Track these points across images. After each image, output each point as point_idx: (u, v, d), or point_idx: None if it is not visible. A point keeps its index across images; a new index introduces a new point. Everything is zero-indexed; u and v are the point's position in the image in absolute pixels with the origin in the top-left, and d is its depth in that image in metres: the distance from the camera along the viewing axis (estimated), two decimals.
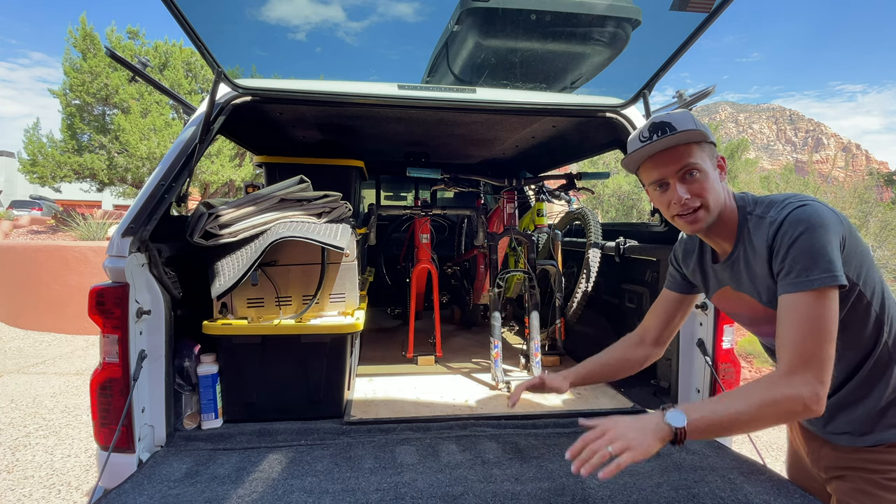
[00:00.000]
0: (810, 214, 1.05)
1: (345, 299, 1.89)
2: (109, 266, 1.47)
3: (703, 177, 1.13)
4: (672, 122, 1.13)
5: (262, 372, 1.76)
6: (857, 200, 9.16)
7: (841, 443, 1.20)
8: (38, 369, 4.70)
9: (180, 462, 1.43)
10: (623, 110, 2.09)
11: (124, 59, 1.73)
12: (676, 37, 1.66)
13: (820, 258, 1.02)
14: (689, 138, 1.12)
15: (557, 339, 2.66)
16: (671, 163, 1.14)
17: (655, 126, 1.14)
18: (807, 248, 1.03)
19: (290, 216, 1.87)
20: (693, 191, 1.13)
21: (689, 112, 1.16)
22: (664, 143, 1.13)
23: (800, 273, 1.03)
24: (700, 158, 1.13)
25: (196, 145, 1.74)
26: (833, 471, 1.23)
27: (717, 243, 1.25)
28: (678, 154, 1.13)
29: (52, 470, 2.85)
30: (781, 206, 1.11)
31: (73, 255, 6.15)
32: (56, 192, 12.98)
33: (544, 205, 2.77)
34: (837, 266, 1.02)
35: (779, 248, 1.08)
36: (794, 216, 1.07)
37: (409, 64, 2.28)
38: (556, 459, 1.40)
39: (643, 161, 1.19)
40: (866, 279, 1.11)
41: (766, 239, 1.11)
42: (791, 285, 1.04)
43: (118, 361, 1.46)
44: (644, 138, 1.16)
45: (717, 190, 1.14)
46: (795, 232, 1.05)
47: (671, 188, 1.16)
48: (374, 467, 1.38)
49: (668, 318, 1.43)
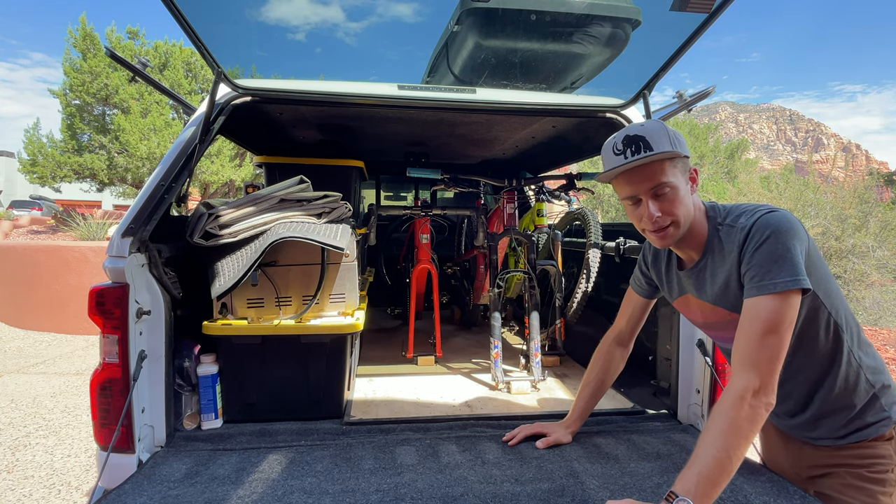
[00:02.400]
0: (778, 220, 1.09)
1: (345, 299, 1.89)
2: (109, 266, 1.46)
3: (673, 193, 1.15)
4: (647, 139, 1.13)
5: (262, 372, 1.76)
6: (857, 200, 9.15)
7: (823, 444, 1.24)
8: (38, 369, 4.70)
9: (180, 462, 1.43)
10: (623, 111, 2.09)
11: (124, 59, 1.73)
12: (676, 37, 1.66)
13: (784, 262, 1.05)
14: (663, 158, 1.13)
15: (557, 339, 2.65)
16: (644, 181, 1.16)
17: (629, 140, 1.15)
18: (772, 252, 1.07)
19: (290, 216, 1.87)
20: (664, 209, 1.16)
21: (663, 125, 1.17)
22: (640, 161, 1.14)
23: (764, 276, 1.07)
24: (672, 175, 1.15)
25: (196, 145, 1.74)
26: (817, 469, 1.27)
27: (685, 252, 1.28)
28: (651, 172, 1.15)
29: (52, 470, 2.85)
30: (752, 213, 1.14)
31: (73, 255, 6.15)
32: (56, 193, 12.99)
33: (544, 205, 2.77)
34: (801, 270, 1.06)
35: (746, 251, 1.11)
36: (762, 221, 1.10)
37: (409, 64, 2.28)
38: (556, 460, 1.40)
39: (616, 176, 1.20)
40: (826, 291, 1.14)
41: (737, 245, 1.14)
42: (755, 288, 1.08)
43: (118, 362, 1.46)
44: (618, 151, 1.17)
45: (687, 205, 1.17)
46: (762, 236, 1.08)
47: (643, 204, 1.18)
48: (373, 468, 1.38)
49: (638, 320, 1.53)
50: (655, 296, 1.50)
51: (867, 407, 1.19)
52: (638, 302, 1.51)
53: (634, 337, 1.55)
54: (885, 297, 8.24)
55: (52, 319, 6.10)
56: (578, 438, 1.55)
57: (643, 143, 1.13)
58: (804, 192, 9.92)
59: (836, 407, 1.20)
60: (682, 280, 1.32)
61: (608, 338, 1.57)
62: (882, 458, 1.18)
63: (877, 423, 1.18)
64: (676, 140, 1.15)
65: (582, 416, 1.55)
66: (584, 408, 1.55)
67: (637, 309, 1.52)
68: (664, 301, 1.50)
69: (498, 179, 2.51)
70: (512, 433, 1.55)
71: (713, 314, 1.26)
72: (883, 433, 1.18)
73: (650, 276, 1.46)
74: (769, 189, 11.05)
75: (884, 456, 1.18)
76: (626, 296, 1.55)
